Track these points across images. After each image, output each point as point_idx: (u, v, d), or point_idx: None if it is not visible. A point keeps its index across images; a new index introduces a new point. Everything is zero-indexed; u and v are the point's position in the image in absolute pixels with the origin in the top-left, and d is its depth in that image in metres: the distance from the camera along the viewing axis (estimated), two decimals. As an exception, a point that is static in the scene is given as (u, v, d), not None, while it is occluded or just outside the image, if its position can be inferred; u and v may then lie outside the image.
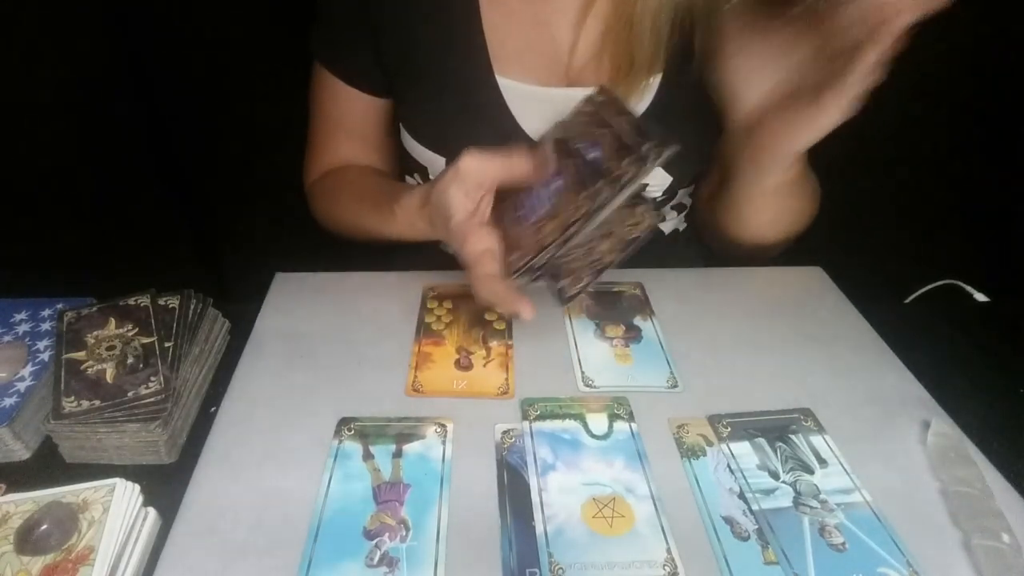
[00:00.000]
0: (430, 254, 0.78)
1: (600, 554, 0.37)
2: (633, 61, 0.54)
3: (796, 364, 0.50)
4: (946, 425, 0.44)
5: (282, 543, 0.37)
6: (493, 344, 0.52)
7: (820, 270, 0.61)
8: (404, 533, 0.38)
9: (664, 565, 0.36)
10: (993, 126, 0.94)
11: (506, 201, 0.48)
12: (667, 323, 0.54)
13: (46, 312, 0.52)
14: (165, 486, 0.42)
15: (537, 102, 0.58)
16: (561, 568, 0.36)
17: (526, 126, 0.58)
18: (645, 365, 0.50)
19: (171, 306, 0.51)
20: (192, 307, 0.51)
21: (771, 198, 0.55)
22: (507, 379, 0.48)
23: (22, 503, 0.39)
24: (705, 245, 0.71)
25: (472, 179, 0.46)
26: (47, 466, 0.44)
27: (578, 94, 0.51)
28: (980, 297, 0.63)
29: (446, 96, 0.60)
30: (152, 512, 0.40)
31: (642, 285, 0.58)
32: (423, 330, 0.53)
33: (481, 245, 0.46)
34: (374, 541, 0.37)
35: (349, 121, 0.67)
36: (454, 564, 0.36)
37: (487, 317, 0.54)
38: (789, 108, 0.46)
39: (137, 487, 0.40)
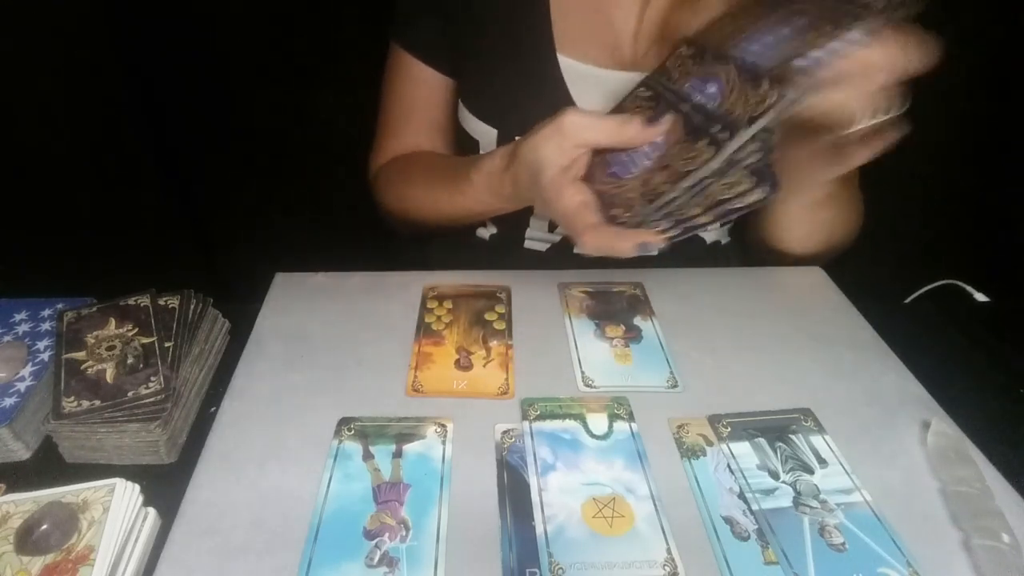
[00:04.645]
0: (430, 254, 0.78)
1: (600, 554, 0.37)
2: None
3: (796, 364, 0.50)
4: (946, 425, 0.44)
5: (282, 543, 0.37)
6: (493, 344, 0.52)
7: (820, 270, 0.61)
8: (404, 533, 0.38)
9: (664, 565, 0.36)
10: (993, 126, 0.94)
11: (594, 162, 0.47)
12: (667, 323, 0.54)
13: (46, 312, 0.52)
14: (165, 486, 0.42)
15: (595, 83, 0.59)
16: (561, 568, 0.36)
17: (581, 105, 0.59)
18: (645, 365, 0.50)
19: (171, 306, 0.51)
20: (192, 307, 0.51)
21: (803, 214, 0.56)
22: (507, 379, 0.48)
23: (22, 503, 0.39)
24: (747, 257, 0.71)
25: (575, 136, 0.45)
26: (47, 466, 0.44)
27: (637, 79, 0.51)
28: (980, 297, 0.63)
29: (507, 70, 0.61)
30: (152, 512, 0.40)
31: (642, 285, 0.58)
32: (423, 330, 0.53)
33: (578, 198, 0.45)
34: (374, 541, 0.37)
35: (421, 104, 0.69)
36: (454, 564, 0.36)
37: (487, 317, 0.54)
38: (817, 142, 0.46)
39: (137, 487, 0.40)
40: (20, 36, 0.86)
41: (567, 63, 0.59)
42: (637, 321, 0.54)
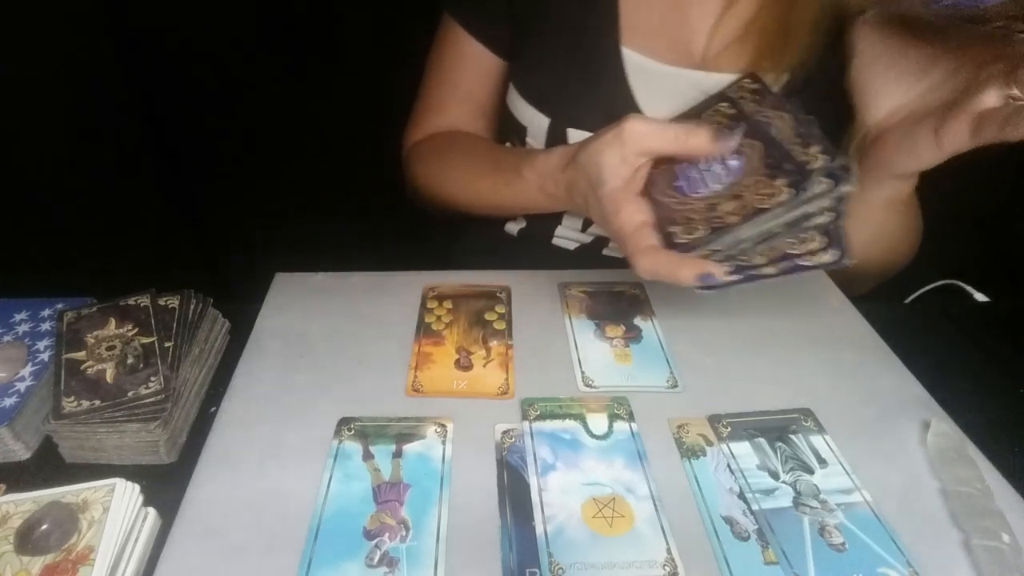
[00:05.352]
0: (430, 254, 0.78)
1: (600, 554, 0.37)
2: (784, 51, 0.52)
3: (796, 364, 0.50)
4: (946, 425, 0.44)
5: (282, 543, 0.37)
6: (493, 344, 0.52)
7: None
8: (404, 533, 0.38)
9: (664, 565, 0.36)
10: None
11: (660, 169, 0.45)
12: (667, 323, 0.54)
13: (46, 312, 0.52)
14: (165, 486, 0.42)
15: (658, 79, 0.57)
16: (561, 568, 0.36)
17: (641, 101, 0.58)
18: (645, 365, 0.50)
19: (171, 306, 0.51)
20: (192, 307, 0.51)
21: (876, 214, 0.53)
22: (507, 379, 0.48)
23: (22, 503, 0.39)
24: None
25: (636, 144, 0.43)
26: (47, 466, 0.44)
27: (704, 78, 0.49)
28: (980, 297, 0.63)
29: (567, 56, 0.59)
30: (152, 512, 0.40)
31: (642, 285, 0.58)
32: (423, 330, 0.53)
33: (638, 217, 0.43)
34: (374, 541, 0.37)
35: (466, 81, 0.67)
36: (454, 564, 0.36)
37: (487, 317, 0.54)
38: (912, 128, 0.45)
39: (137, 487, 0.40)
40: (20, 36, 0.86)
41: (631, 56, 0.57)
42: (637, 321, 0.54)
